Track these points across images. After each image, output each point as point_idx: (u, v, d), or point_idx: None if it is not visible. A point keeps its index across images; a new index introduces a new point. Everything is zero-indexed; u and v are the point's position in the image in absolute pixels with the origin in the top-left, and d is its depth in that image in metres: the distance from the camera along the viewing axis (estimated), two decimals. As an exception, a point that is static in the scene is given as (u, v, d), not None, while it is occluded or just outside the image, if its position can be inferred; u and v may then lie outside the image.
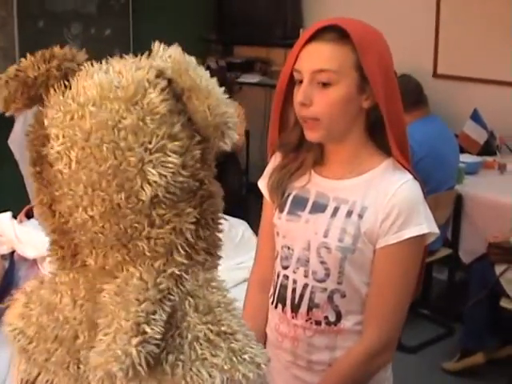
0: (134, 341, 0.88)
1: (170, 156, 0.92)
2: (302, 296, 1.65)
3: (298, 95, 1.57)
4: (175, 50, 0.96)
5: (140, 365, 0.87)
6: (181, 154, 0.93)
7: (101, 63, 0.99)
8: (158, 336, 0.90)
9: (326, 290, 1.63)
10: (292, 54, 1.60)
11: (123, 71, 0.95)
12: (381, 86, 1.55)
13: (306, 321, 1.65)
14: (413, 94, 4.25)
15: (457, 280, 4.41)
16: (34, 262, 2.63)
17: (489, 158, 4.79)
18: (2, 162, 5.15)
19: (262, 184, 1.79)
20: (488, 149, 4.87)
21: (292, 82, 1.62)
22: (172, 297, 0.94)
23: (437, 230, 1.63)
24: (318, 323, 1.65)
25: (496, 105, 5.03)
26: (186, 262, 0.97)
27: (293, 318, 1.67)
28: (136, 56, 1.00)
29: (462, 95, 5.29)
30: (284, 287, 1.69)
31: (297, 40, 5.39)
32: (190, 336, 0.94)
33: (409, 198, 1.60)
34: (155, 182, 0.91)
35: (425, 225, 1.59)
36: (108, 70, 0.96)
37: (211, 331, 0.95)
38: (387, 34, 1.64)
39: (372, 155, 1.66)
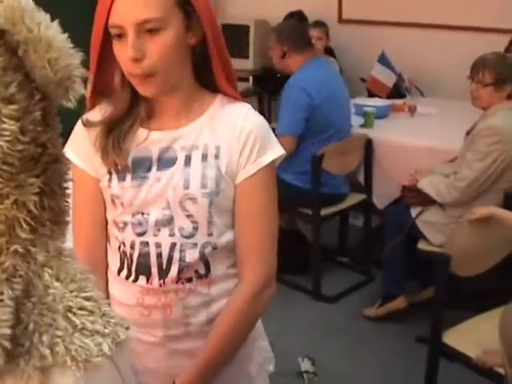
0: None
1: (5, 123, 0.77)
2: (170, 258, 1.53)
3: (128, 51, 1.40)
4: None
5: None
6: (18, 119, 0.78)
7: None
8: (7, 316, 0.77)
9: (196, 245, 1.53)
10: (102, 8, 1.43)
11: None
12: (207, 18, 1.47)
13: (177, 282, 1.54)
14: (303, 35, 4.17)
15: (373, 226, 4.37)
16: None
17: (398, 101, 4.74)
18: None
19: (73, 154, 1.56)
20: (397, 91, 4.83)
21: (105, 39, 1.46)
22: (21, 272, 0.81)
23: (284, 151, 1.61)
24: (189, 280, 1.54)
25: (403, 47, 4.99)
26: (30, 236, 0.83)
27: (160, 285, 1.54)
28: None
29: (369, 39, 5.23)
30: (145, 255, 1.54)
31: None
32: (61, 308, 0.82)
33: (259, 122, 1.57)
34: None
35: (278, 147, 1.58)
36: None
37: (82, 298, 0.84)
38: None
39: (203, 95, 1.58)
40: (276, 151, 1.57)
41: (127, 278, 1.57)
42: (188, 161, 1.52)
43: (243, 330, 1.59)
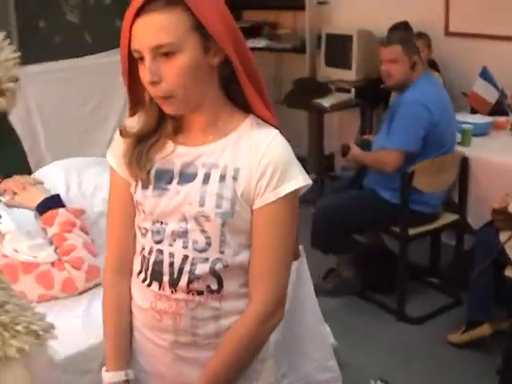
0: None
1: None
2: (181, 269, 1.57)
3: (146, 75, 1.46)
4: None
5: None
6: None
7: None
8: None
9: (207, 260, 1.56)
10: (124, 32, 1.46)
11: None
12: (227, 39, 1.46)
13: (187, 293, 1.57)
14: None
15: (468, 247, 4.20)
16: (-5, 240, 2.53)
17: (501, 118, 4.53)
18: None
19: (112, 158, 1.67)
20: (500, 108, 4.62)
21: (133, 60, 1.50)
22: None
23: (310, 181, 1.57)
24: (200, 293, 1.58)
25: (507, 62, 4.76)
26: None
27: (172, 293, 1.58)
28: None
29: (473, 53, 5.03)
30: (159, 263, 1.60)
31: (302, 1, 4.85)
32: None
33: (281, 152, 1.54)
34: None
35: (301, 177, 1.55)
36: None
37: None
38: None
39: (232, 114, 1.59)
40: (296, 182, 1.54)
41: (143, 281, 1.63)
42: (206, 179, 1.54)
43: (250, 350, 1.61)
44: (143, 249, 1.63)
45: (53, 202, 2.65)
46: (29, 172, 3.03)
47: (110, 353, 1.68)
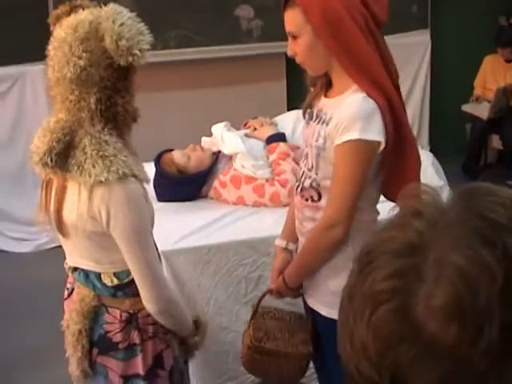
0: (46, 146, 1.76)
1: (81, 59, 1.74)
2: (301, 179, 2.24)
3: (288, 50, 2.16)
4: (111, 5, 1.76)
5: (49, 157, 1.74)
6: (89, 59, 1.74)
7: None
8: (59, 146, 1.75)
9: (310, 177, 2.19)
10: None
11: (82, 15, 1.79)
12: (326, 34, 2.03)
13: (301, 197, 2.24)
14: None
15: None
16: (230, 158, 3.49)
17: None
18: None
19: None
20: None
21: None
22: (74, 132, 1.78)
23: (374, 138, 2.02)
24: (307, 199, 2.23)
25: None
26: (88, 119, 1.79)
27: (296, 195, 2.28)
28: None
29: None
30: (297, 174, 2.32)
31: None
32: (84, 156, 1.78)
33: (353, 110, 2.04)
34: (71, 71, 1.75)
35: (357, 132, 2.01)
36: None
37: (97, 154, 1.77)
38: None
39: (347, 81, 2.10)
40: (353, 134, 2.01)
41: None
42: (319, 121, 2.18)
43: (315, 247, 2.21)
44: None
45: (278, 137, 3.52)
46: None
47: (285, 226, 2.47)
